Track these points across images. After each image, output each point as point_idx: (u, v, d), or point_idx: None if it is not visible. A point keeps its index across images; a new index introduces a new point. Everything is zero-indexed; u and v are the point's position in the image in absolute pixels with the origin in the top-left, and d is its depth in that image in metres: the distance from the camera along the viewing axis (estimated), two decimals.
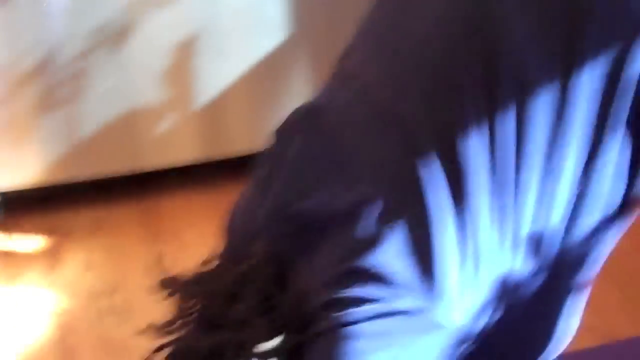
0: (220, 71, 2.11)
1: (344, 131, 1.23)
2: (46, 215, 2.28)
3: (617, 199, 1.23)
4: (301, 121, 1.28)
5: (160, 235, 2.00)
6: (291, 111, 1.28)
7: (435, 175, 1.14)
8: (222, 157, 2.12)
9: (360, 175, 1.20)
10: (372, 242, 1.15)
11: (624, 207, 1.24)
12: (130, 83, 2.10)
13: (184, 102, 2.15)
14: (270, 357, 1.18)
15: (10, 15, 1.99)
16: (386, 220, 1.15)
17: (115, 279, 1.90)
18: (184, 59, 2.04)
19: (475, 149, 1.15)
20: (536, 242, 1.20)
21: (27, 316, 1.91)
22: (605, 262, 1.47)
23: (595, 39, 1.16)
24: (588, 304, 1.93)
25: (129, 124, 2.20)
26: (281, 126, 1.28)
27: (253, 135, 2.09)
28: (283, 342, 1.18)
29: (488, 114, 1.16)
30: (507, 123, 1.17)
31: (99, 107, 2.14)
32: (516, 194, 1.17)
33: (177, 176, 2.11)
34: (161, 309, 1.19)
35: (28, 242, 2.21)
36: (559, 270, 1.24)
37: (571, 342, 1.70)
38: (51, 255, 2.15)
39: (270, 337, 1.17)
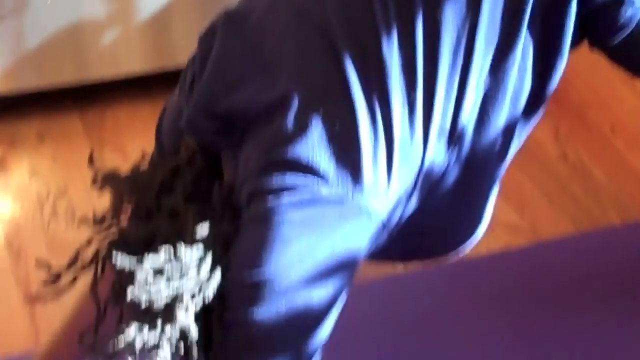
0: None
1: (264, 31, 1.29)
2: None
3: (524, 98, 1.31)
4: (223, 24, 1.32)
5: (104, 145, 2.04)
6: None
7: (350, 71, 1.21)
8: (167, 69, 2.14)
9: (281, 72, 1.26)
10: (294, 135, 1.22)
11: (531, 105, 1.33)
12: None
13: (130, 13, 2.16)
14: (200, 244, 1.24)
15: None
16: (306, 113, 1.22)
17: (59, 185, 1.95)
18: None
19: (387, 47, 1.21)
20: (448, 138, 1.29)
21: None
22: (531, 162, 1.52)
23: None
24: (512, 204, 2.05)
25: (75, 35, 2.20)
26: (205, 31, 1.32)
27: None
28: (212, 231, 1.24)
29: (398, 13, 1.22)
30: (416, 23, 1.24)
31: (44, 18, 2.14)
32: (426, 91, 1.24)
33: (122, 87, 2.13)
34: (103, 210, 1.26)
35: None
36: (473, 165, 1.32)
37: (497, 241, 1.87)
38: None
39: (200, 226, 1.25)
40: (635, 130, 2.22)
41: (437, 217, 1.34)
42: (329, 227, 1.25)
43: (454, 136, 1.28)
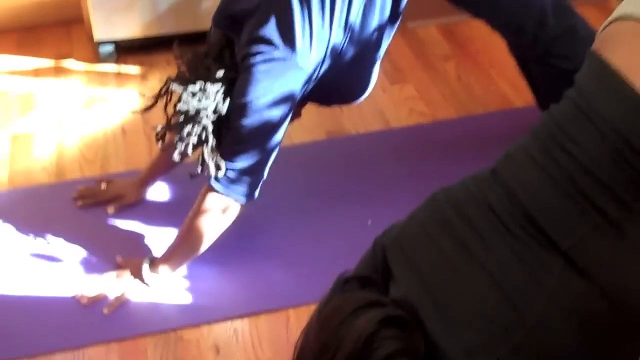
0: None
1: None
2: (142, 56, 3.05)
3: (387, 11, 1.96)
4: None
5: None
6: None
7: None
8: None
9: None
10: (261, 24, 1.87)
11: (391, 17, 1.98)
12: None
13: None
14: (218, 82, 1.91)
15: None
16: (267, 13, 1.88)
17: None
18: None
19: None
20: (344, 28, 1.92)
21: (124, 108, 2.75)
22: (439, 81, 2.30)
23: None
24: (424, 101, 2.70)
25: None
26: None
27: None
28: (225, 75, 1.92)
29: None
30: None
31: None
32: (332, 2, 1.88)
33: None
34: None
35: (130, 69, 3.01)
36: (359, 47, 1.98)
37: (413, 121, 2.52)
38: (142, 77, 2.97)
39: (218, 72, 1.90)
40: (504, 65, 2.77)
41: (340, 77, 2.03)
42: (280, 74, 1.89)
43: (347, 27, 1.92)
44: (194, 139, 1.94)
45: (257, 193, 2.03)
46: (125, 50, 3.10)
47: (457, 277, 1.23)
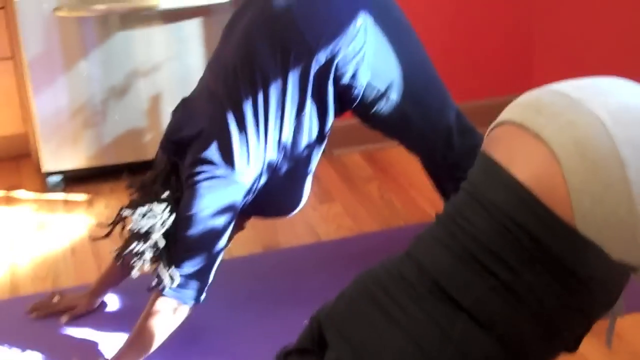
0: None
1: (193, 104, 2.24)
2: (88, 185, 3.29)
3: (314, 133, 2.21)
4: (181, 102, 2.25)
5: None
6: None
7: (230, 119, 2.11)
8: None
9: (198, 121, 2.18)
10: (203, 148, 2.12)
11: (318, 137, 2.24)
12: None
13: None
14: (164, 202, 2.12)
15: None
16: (209, 138, 2.12)
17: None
18: None
19: (246, 105, 2.12)
20: (277, 147, 2.18)
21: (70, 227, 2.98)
22: (364, 199, 2.54)
23: (295, 57, 2.08)
24: (351, 217, 2.93)
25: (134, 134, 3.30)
26: (175, 108, 2.27)
27: None
28: (170, 196, 2.16)
29: (250, 89, 2.12)
30: (258, 95, 2.11)
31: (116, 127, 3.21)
32: (264, 127, 2.14)
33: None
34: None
35: (77, 196, 3.25)
36: (292, 164, 2.22)
37: (341, 234, 2.75)
38: (89, 204, 3.18)
39: (165, 194, 2.14)
40: (422, 184, 2.95)
41: (276, 190, 2.24)
42: (221, 189, 2.12)
43: (280, 146, 2.18)
44: (148, 255, 2.16)
45: (203, 297, 2.24)
46: (72, 179, 3.33)
47: (381, 338, 1.45)
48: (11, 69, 3.36)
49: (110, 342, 2.41)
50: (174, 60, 3.18)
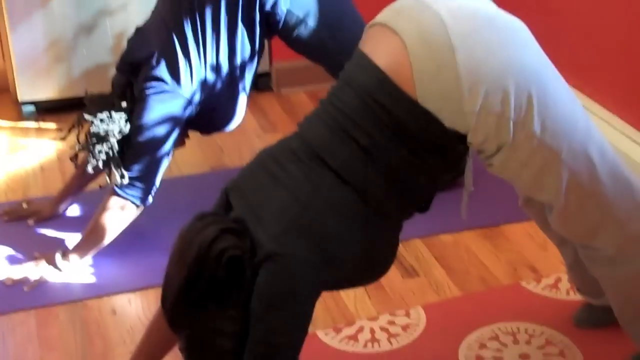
0: None
1: (149, 28, 2.61)
2: (58, 115, 3.62)
3: (247, 51, 2.59)
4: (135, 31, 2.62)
5: None
6: None
7: (175, 40, 2.49)
8: None
9: (151, 44, 2.54)
10: (154, 67, 2.49)
11: (250, 55, 2.61)
12: None
13: None
14: (122, 112, 2.48)
15: None
16: (159, 59, 2.50)
17: None
18: None
19: (187, 28, 2.50)
20: (214, 66, 2.55)
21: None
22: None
23: None
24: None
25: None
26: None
27: None
28: (127, 106, 2.52)
29: (198, 15, 2.49)
30: (196, 17, 2.50)
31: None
32: (203, 47, 2.52)
33: None
34: None
35: (48, 125, 3.60)
36: (227, 80, 2.60)
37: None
38: (59, 132, 3.42)
39: (122, 104, 2.50)
40: None
41: (213, 104, 2.59)
42: (167, 102, 2.52)
43: (217, 65, 2.54)
44: (103, 156, 2.50)
45: (149, 199, 2.61)
46: (44, 110, 3.68)
47: (269, 196, 1.83)
48: None
49: (70, 241, 2.79)
50: (137, 2, 3.50)
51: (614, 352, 2.29)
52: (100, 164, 2.52)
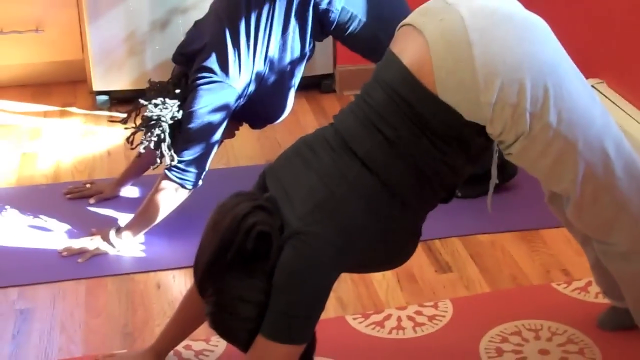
0: None
1: (203, 23, 2.73)
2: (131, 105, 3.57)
3: (297, 50, 2.68)
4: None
5: None
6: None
7: (227, 34, 2.57)
8: None
9: (204, 36, 2.65)
10: (205, 59, 2.60)
11: (300, 55, 2.71)
12: None
13: None
14: (175, 99, 2.60)
15: None
16: (209, 51, 2.62)
17: None
18: None
19: (240, 23, 2.60)
20: (264, 60, 2.65)
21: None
22: None
23: None
24: None
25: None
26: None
27: None
28: (180, 94, 2.63)
29: (248, 9, 2.60)
30: (251, 15, 2.60)
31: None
32: (254, 41, 2.62)
33: None
34: None
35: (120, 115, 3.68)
36: (278, 75, 2.69)
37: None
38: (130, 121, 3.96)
39: (175, 92, 2.61)
40: None
41: (262, 98, 2.69)
42: (216, 92, 2.61)
43: (267, 59, 2.65)
44: (154, 138, 2.64)
45: (199, 182, 2.74)
46: (117, 100, 3.84)
47: (299, 177, 1.96)
48: (74, 2, 3.95)
49: (126, 219, 2.95)
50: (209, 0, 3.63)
51: (635, 354, 2.32)
52: (152, 145, 2.65)
